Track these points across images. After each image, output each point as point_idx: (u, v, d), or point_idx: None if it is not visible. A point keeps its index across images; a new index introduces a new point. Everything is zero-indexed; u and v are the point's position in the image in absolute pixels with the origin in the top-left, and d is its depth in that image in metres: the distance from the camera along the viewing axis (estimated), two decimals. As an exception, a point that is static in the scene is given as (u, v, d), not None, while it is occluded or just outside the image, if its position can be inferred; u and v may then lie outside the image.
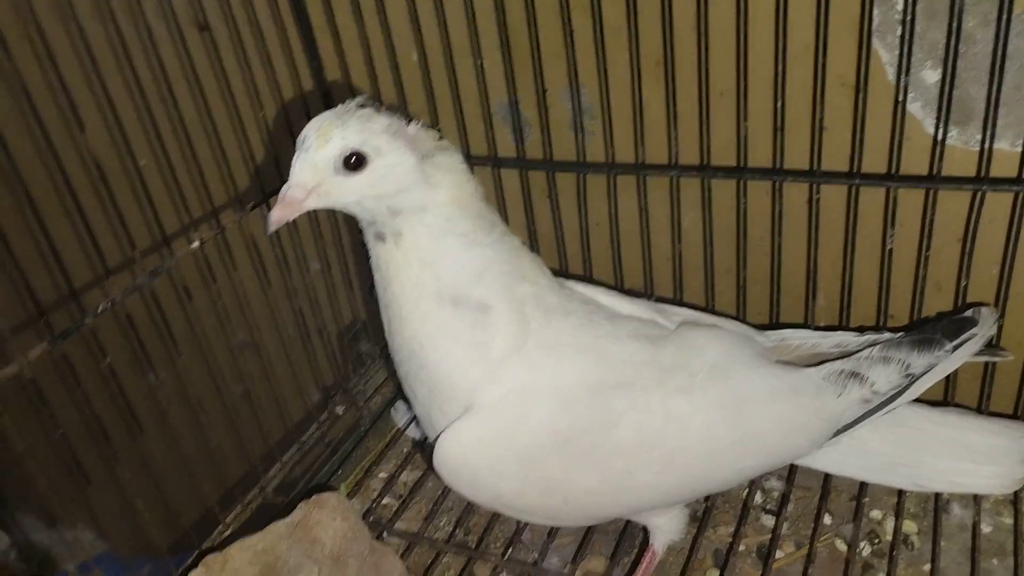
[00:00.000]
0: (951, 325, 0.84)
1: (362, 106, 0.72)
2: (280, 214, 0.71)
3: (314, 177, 0.70)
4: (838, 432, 0.82)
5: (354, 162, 0.70)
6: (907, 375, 0.81)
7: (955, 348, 0.82)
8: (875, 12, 0.88)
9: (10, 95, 0.87)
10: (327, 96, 1.07)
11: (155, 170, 0.91)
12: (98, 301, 0.79)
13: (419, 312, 0.75)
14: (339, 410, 1.12)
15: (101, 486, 1.00)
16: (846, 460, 0.87)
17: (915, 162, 0.91)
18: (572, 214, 1.04)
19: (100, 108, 0.82)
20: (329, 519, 0.78)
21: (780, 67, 0.87)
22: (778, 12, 0.84)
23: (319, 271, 1.11)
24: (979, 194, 0.85)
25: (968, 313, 0.85)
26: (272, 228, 0.72)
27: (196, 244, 0.87)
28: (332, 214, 1.12)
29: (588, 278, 1.05)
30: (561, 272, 1.07)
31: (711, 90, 0.92)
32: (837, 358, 0.83)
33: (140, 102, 0.84)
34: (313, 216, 1.07)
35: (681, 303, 0.96)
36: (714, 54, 0.90)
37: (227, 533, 0.96)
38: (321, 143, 0.69)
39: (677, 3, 0.88)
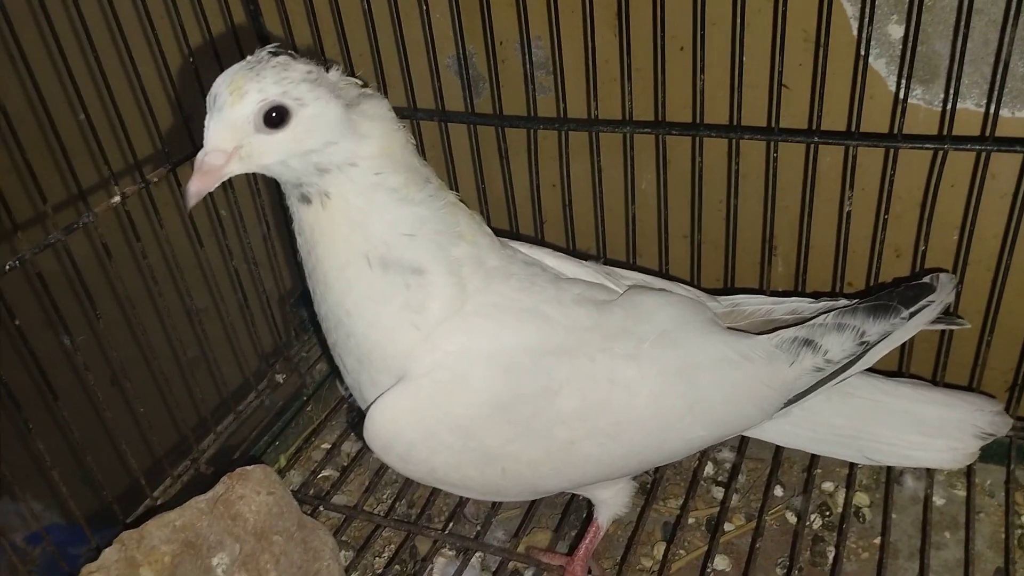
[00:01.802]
0: (908, 292, 0.80)
1: (275, 54, 0.65)
2: (198, 185, 0.64)
3: (232, 138, 0.63)
4: (790, 402, 0.78)
5: (275, 117, 0.62)
6: (861, 343, 0.78)
7: (912, 315, 0.79)
8: (841, -36, 0.84)
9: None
10: (263, 41, 1.00)
11: (71, 119, 0.85)
12: (7, 258, 0.73)
13: (345, 277, 0.69)
14: (279, 378, 1.07)
15: (17, 458, 0.95)
16: (797, 432, 0.84)
17: (878, 122, 0.88)
18: (523, 173, 1.00)
19: (7, 48, 0.76)
20: (253, 493, 0.73)
21: (739, 20, 0.82)
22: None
23: (258, 230, 1.05)
24: (941, 154, 0.82)
25: (926, 279, 0.82)
26: (191, 201, 0.64)
27: (117, 199, 0.81)
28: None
29: (535, 239, 1.01)
30: (512, 234, 1.03)
31: (667, 44, 0.87)
32: (791, 325, 0.80)
33: (54, 45, 0.77)
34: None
35: (634, 267, 0.92)
36: (671, 5, 0.86)
37: (155, 507, 0.92)
38: (236, 99, 0.62)
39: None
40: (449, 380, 0.70)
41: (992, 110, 0.78)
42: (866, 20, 0.79)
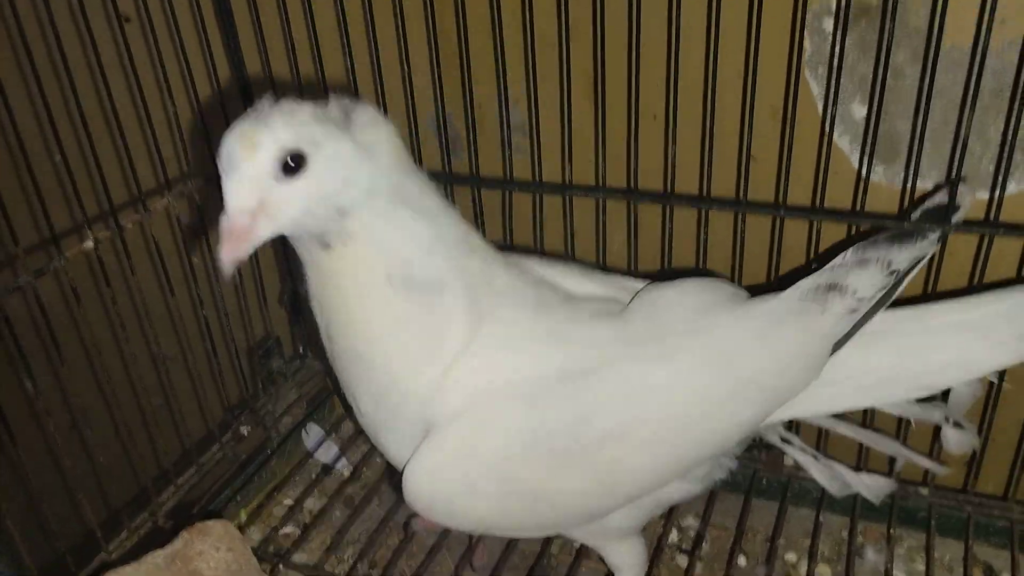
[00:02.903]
0: (931, 214, 0.77)
1: (274, 101, 0.63)
2: (230, 252, 0.60)
3: (254, 195, 0.60)
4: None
5: (293, 164, 0.60)
6: (891, 272, 0.73)
7: (943, 237, 0.76)
8: (807, 43, 0.87)
9: None
10: (246, 92, 1.02)
11: (47, 161, 0.85)
12: (-29, 300, 0.73)
13: (367, 305, 0.66)
14: (244, 430, 1.06)
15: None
16: (842, 392, 0.77)
17: (842, 196, 0.91)
18: (496, 231, 1.01)
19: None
20: (212, 549, 0.71)
21: (710, 93, 0.85)
22: (709, 37, 0.83)
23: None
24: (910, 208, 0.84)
25: (938, 198, 0.80)
26: (227, 271, 0.61)
27: (90, 243, 0.81)
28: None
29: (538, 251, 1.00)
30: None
31: (641, 113, 0.90)
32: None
33: (35, 88, 0.78)
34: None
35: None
36: (645, 77, 0.89)
37: (110, 560, 0.89)
38: (250, 153, 0.59)
39: (610, 23, 0.87)
40: (474, 425, 0.68)
41: (951, 191, 0.81)
42: (830, 100, 0.83)
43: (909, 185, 0.84)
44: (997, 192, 0.82)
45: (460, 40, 0.92)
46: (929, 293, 0.86)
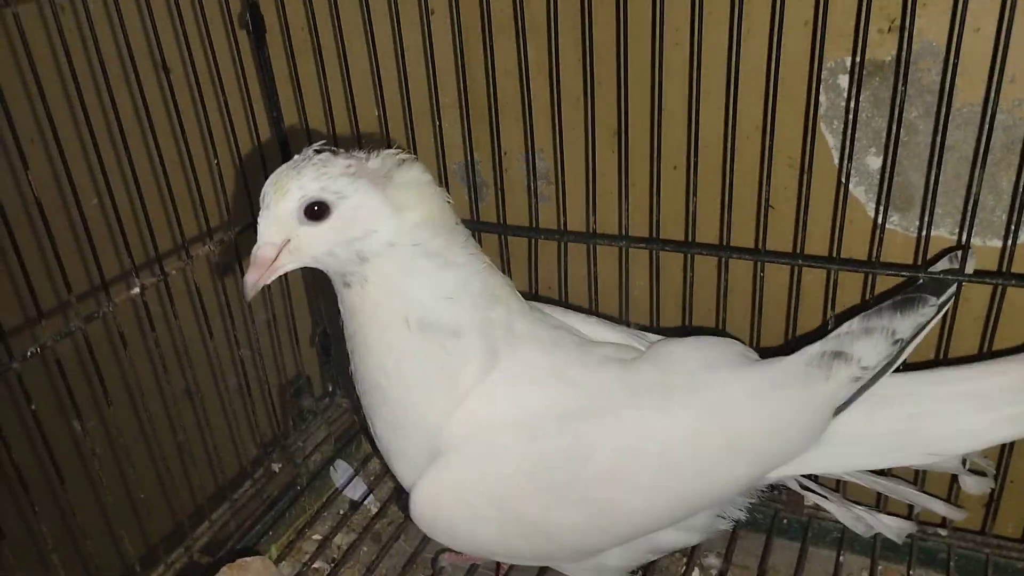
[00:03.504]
0: (935, 282, 0.79)
1: (318, 152, 0.71)
2: (253, 277, 0.69)
3: (279, 233, 0.69)
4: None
5: (317, 211, 0.68)
6: (895, 342, 0.76)
7: (942, 305, 0.78)
8: (822, 98, 0.91)
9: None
10: (284, 146, 1.06)
11: (98, 211, 0.89)
12: (28, 344, 0.76)
13: (384, 339, 0.72)
14: (275, 467, 1.09)
15: (18, 540, 0.95)
16: (848, 453, 0.79)
17: (857, 244, 0.94)
18: (522, 276, 1.04)
19: (46, 145, 0.81)
20: (251, 583, 0.74)
21: (730, 145, 0.89)
22: (729, 91, 0.86)
23: (265, 322, 1.09)
24: (916, 282, 0.87)
25: (943, 264, 0.82)
26: (249, 293, 0.70)
27: (136, 290, 0.85)
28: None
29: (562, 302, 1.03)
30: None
31: (663, 163, 0.94)
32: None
33: (88, 140, 0.82)
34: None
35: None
36: (667, 129, 0.92)
37: (147, 593, 0.92)
38: (280, 197, 0.68)
39: (633, 76, 0.90)
40: (480, 454, 0.73)
41: (964, 240, 0.84)
42: (846, 153, 0.86)
43: (924, 234, 0.87)
44: (1009, 242, 0.84)
45: (489, 92, 0.96)
46: (944, 340, 0.88)
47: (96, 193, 0.87)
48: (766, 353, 0.83)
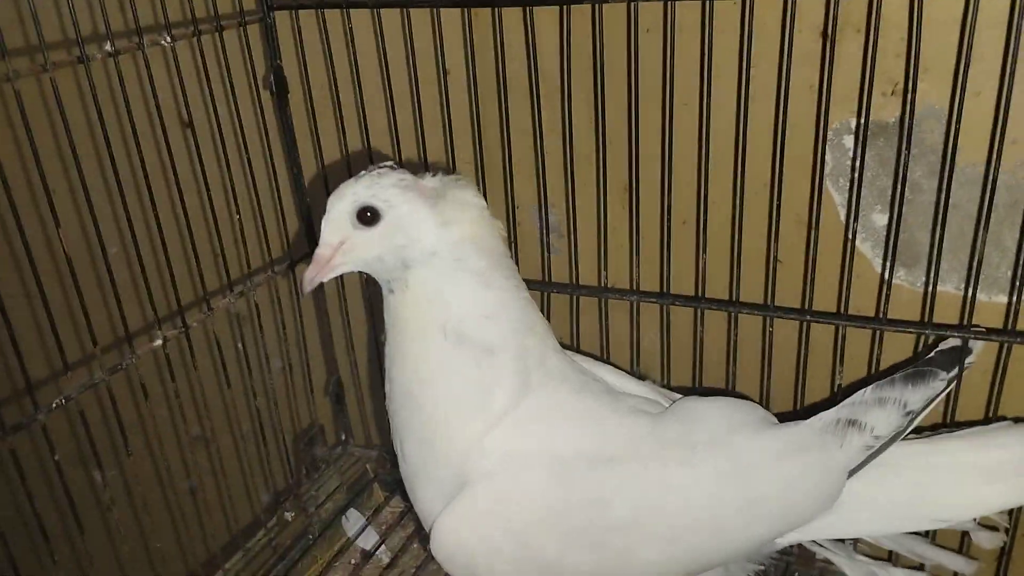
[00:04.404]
0: (943, 355, 0.82)
1: (380, 167, 0.76)
2: (311, 273, 0.75)
3: (336, 234, 0.74)
4: None
5: (368, 216, 0.73)
6: (907, 413, 0.78)
7: (952, 379, 0.80)
8: (828, 157, 0.93)
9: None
10: (303, 201, 1.09)
11: (124, 263, 0.91)
12: (52, 395, 0.78)
13: (420, 347, 0.75)
14: (288, 516, 1.09)
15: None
16: (857, 519, 0.81)
17: (864, 298, 0.95)
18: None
19: (75, 200, 0.83)
20: (268, 635, 0.75)
21: (738, 202, 0.91)
22: (737, 150, 0.89)
23: (280, 370, 1.10)
24: (923, 338, 0.88)
25: (954, 342, 0.84)
26: (307, 288, 0.75)
27: (159, 343, 0.87)
28: (296, 312, 1.13)
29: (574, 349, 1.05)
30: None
31: (673, 219, 0.96)
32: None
33: (117, 196, 0.85)
34: (278, 314, 1.08)
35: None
36: (677, 185, 0.95)
37: (160, 643, 0.92)
38: (337, 201, 0.74)
39: (644, 135, 0.92)
40: (505, 489, 0.74)
41: (969, 296, 0.86)
42: (852, 212, 0.87)
43: (930, 290, 0.88)
44: (1014, 300, 0.86)
45: (504, 148, 0.99)
46: (952, 396, 0.89)
47: (122, 246, 0.89)
48: (776, 409, 0.85)
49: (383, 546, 1.10)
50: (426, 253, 0.73)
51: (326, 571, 1.06)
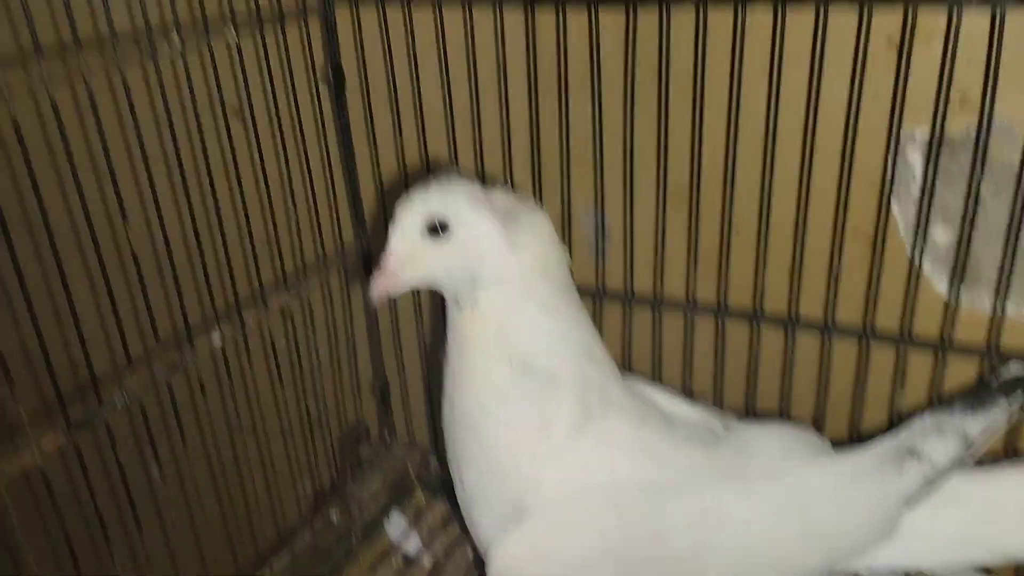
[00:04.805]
0: (1007, 384, 0.80)
1: (449, 176, 0.75)
2: (379, 285, 0.73)
3: (404, 245, 0.73)
4: None
5: (438, 229, 0.72)
6: (966, 442, 0.77)
7: (1016, 407, 0.78)
8: (895, 172, 0.91)
9: (57, 181, 0.88)
10: (356, 198, 1.09)
11: (184, 258, 0.91)
12: (112, 391, 0.78)
13: (486, 373, 0.74)
14: (333, 516, 1.09)
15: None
16: (916, 548, 0.80)
17: (922, 316, 0.92)
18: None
19: (140, 193, 0.83)
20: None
21: (802, 214, 0.89)
22: (803, 160, 0.87)
23: (328, 368, 1.10)
24: (986, 360, 0.87)
25: (1015, 370, 0.82)
26: (375, 299, 0.74)
27: (218, 343, 0.87)
28: (346, 309, 1.12)
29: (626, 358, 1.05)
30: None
31: (733, 229, 0.95)
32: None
33: (181, 190, 0.85)
34: (330, 312, 1.07)
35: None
36: (739, 195, 0.93)
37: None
38: (407, 213, 0.73)
39: (708, 142, 0.91)
40: (563, 520, 0.74)
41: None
42: (919, 233, 0.86)
43: (998, 314, 0.86)
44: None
45: (562, 150, 0.97)
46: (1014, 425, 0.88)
47: (183, 239, 0.89)
48: (830, 433, 0.83)
49: (427, 551, 1.10)
50: (497, 276, 0.73)
51: (369, 574, 1.06)
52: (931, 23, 0.84)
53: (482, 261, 0.72)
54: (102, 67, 0.72)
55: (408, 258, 0.73)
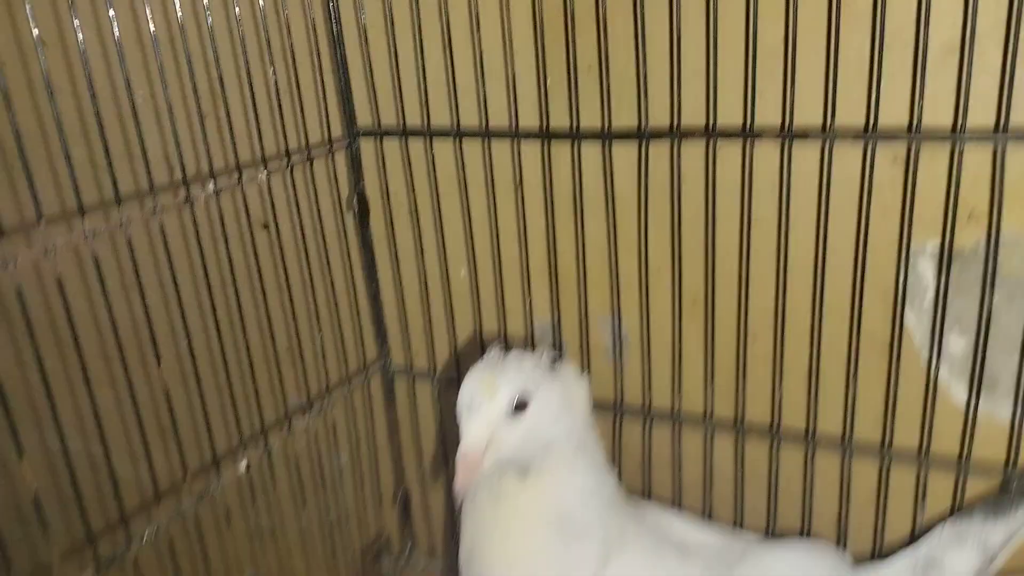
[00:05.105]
0: None
1: (503, 351, 0.76)
2: (464, 481, 0.71)
3: (488, 432, 0.72)
4: None
5: (519, 406, 0.72)
6: (988, 553, 0.77)
7: None
8: (907, 284, 0.92)
9: (94, 323, 0.89)
10: (379, 317, 1.11)
11: (213, 385, 0.94)
12: (141, 525, 0.79)
13: (525, 535, 0.75)
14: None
15: None
16: None
17: (940, 426, 0.91)
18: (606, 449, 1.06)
19: (173, 333, 0.86)
20: None
21: (816, 327, 0.90)
22: (816, 272, 0.89)
23: (350, 480, 1.11)
24: (1008, 479, 0.86)
25: None
26: (460, 496, 0.73)
27: (244, 468, 0.89)
28: (368, 424, 1.14)
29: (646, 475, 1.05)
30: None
31: (748, 341, 0.95)
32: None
33: (214, 330, 0.88)
34: (353, 429, 1.09)
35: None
36: (753, 307, 0.95)
37: None
38: (489, 396, 0.72)
39: (720, 251, 0.93)
40: None
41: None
42: (934, 338, 0.86)
43: (1016, 424, 0.86)
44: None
45: (579, 261, 1.00)
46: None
47: (213, 375, 0.92)
48: (854, 548, 0.82)
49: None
50: (561, 438, 0.74)
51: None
52: (935, 144, 0.86)
53: (552, 428, 0.73)
54: (141, 219, 0.76)
55: (488, 443, 0.72)
